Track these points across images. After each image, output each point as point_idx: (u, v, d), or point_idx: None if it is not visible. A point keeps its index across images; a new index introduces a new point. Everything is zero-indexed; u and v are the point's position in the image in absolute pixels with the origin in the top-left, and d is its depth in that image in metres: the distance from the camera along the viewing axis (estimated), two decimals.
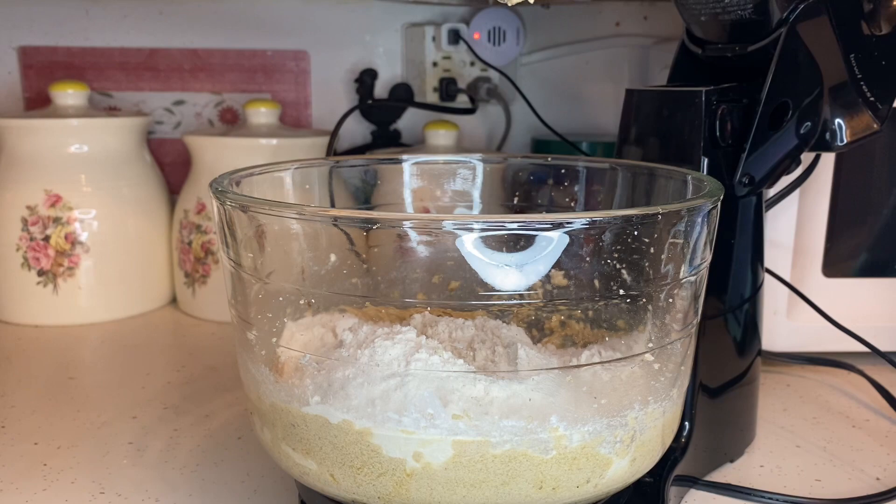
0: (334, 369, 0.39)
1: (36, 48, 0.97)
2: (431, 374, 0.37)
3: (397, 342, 0.39)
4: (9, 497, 0.50)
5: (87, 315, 0.84)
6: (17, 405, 0.64)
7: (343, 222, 0.40)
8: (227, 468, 0.53)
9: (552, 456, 0.37)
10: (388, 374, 0.38)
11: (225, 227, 0.42)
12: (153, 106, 0.99)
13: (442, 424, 0.36)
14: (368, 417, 0.37)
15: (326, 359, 0.40)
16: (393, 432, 0.37)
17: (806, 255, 0.71)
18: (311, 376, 0.39)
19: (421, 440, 0.36)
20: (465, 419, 0.37)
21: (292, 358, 0.41)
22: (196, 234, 0.85)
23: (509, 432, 0.36)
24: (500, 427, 0.36)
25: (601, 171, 0.54)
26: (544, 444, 0.37)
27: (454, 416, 0.37)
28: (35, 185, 0.82)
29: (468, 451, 0.36)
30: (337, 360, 0.39)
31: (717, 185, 0.43)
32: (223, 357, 0.74)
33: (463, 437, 0.36)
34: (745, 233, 0.53)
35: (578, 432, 0.37)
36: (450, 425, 0.36)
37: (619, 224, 0.38)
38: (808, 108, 0.50)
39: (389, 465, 0.37)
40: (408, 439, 0.37)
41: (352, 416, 0.37)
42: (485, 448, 0.36)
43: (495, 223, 0.35)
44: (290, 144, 0.86)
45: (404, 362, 0.38)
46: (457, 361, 0.38)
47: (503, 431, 0.36)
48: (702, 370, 0.51)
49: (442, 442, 0.36)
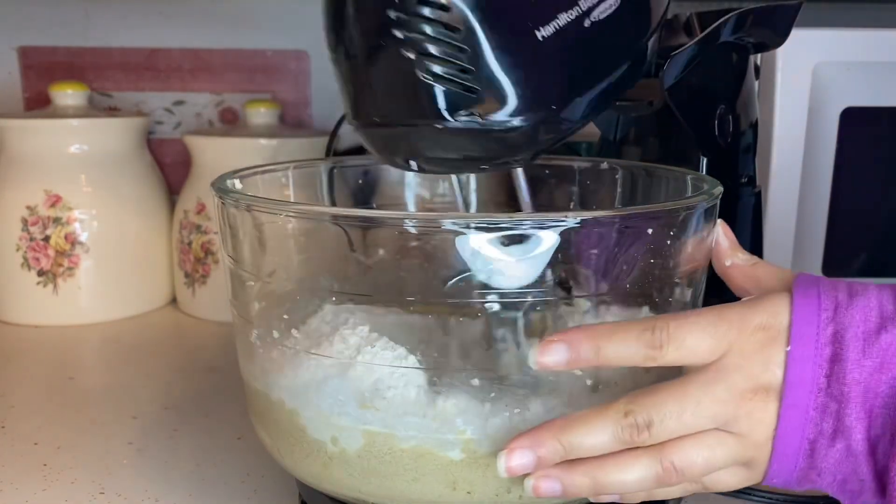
0: (283, 353, 0.40)
1: (36, 48, 0.97)
2: (374, 368, 0.38)
3: (356, 333, 0.40)
4: (9, 497, 0.50)
5: (87, 315, 0.84)
6: (17, 405, 0.64)
7: (343, 221, 0.40)
8: (227, 468, 0.53)
9: (461, 458, 0.37)
10: (332, 362, 0.39)
11: (226, 226, 0.42)
12: (153, 106, 0.99)
13: (352, 412, 0.38)
14: (298, 398, 0.39)
15: (280, 344, 0.41)
16: (315, 413, 0.39)
17: (806, 255, 0.71)
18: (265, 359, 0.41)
19: (337, 426, 0.38)
20: (373, 410, 0.37)
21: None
22: (196, 234, 0.85)
23: (414, 428, 0.37)
24: (405, 422, 0.37)
25: (600, 172, 0.54)
26: (451, 445, 0.37)
27: (362, 405, 0.37)
28: (35, 185, 0.82)
29: (377, 441, 0.38)
30: (285, 344, 0.41)
31: (715, 184, 0.43)
32: (223, 357, 0.74)
33: (371, 427, 0.37)
34: (744, 232, 0.53)
35: (490, 440, 0.37)
36: (358, 414, 0.38)
37: (617, 223, 0.38)
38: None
39: (314, 447, 0.39)
40: (326, 423, 0.38)
41: (285, 395, 0.40)
42: (391, 441, 0.37)
43: (495, 223, 0.35)
44: (290, 144, 0.86)
45: (350, 352, 0.39)
46: (407, 357, 0.39)
47: (408, 427, 0.37)
48: None
49: (353, 430, 0.38)
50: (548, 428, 0.35)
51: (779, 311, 0.35)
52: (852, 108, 0.69)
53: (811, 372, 0.34)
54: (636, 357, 0.35)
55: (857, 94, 0.69)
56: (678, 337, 0.35)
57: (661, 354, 0.35)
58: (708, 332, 0.35)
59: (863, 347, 0.33)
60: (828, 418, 0.34)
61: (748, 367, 0.34)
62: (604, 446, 0.35)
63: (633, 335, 0.35)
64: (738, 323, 0.35)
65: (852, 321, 0.34)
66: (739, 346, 0.34)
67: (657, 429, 0.34)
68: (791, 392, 0.34)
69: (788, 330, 0.34)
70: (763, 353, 0.34)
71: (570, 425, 0.35)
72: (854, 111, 0.69)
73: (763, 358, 0.34)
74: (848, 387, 0.33)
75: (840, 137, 0.69)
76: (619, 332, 0.35)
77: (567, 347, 0.35)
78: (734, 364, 0.34)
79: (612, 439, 0.35)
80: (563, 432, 0.35)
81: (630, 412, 0.35)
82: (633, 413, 0.35)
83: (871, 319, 0.34)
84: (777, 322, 0.35)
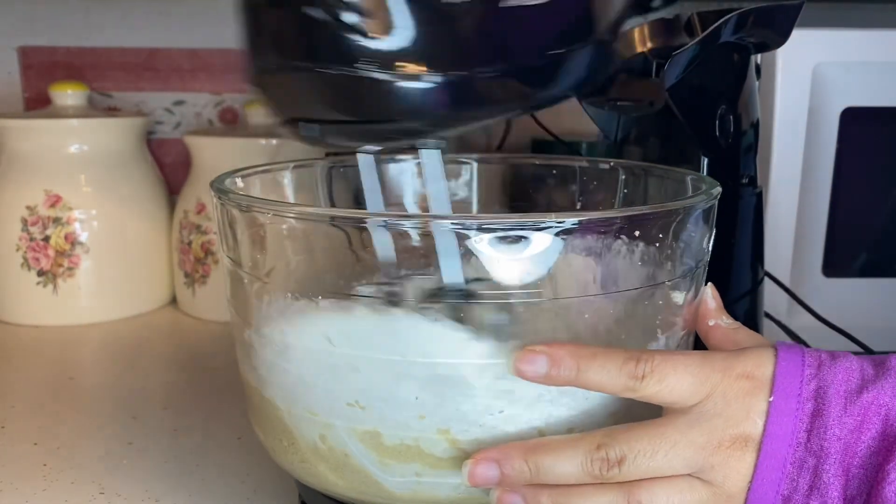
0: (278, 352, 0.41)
1: (36, 48, 0.97)
2: (370, 368, 0.38)
3: (353, 333, 0.39)
4: (9, 497, 0.50)
5: (87, 315, 0.84)
6: (17, 405, 0.64)
7: (342, 222, 0.40)
8: (227, 468, 0.53)
9: (450, 455, 0.37)
10: (328, 362, 0.39)
11: (225, 226, 0.42)
12: (153, 106, 0.99)
13: (347, 413, 0.38)
14: (292, 398, 0.40)
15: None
16: (313, 414, 0.39)
17: (806, 255, 0.71)
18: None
19: (331, 426, 0.38)
20: (367, 409, 0.38)
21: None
22: (196, 234, 0.85)
23: (408, 428, 0.37)
24: (398, 422, 0.37)
25: (601, 172, 0.54)
26: (438, 443, 0.37)
27: (358, 405, 0.38)
28: (35, 185, 0.82)
29: (369, 440, 0.38)
30: (281, 344, 0.40)
31: (714, 185, 0.43)
32: (223, 357, 0.74)
33: (363, 426, 0.38)
34: (744, 233, 0.53)
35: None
36: (351, 414, 0.38)
37: (618, 224, 0.38)
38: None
39: (309, 446, 0.40)
40: (322, 423, 0.39)
41: (279, 394, 0.40)
42: (385, 439, 0.38)
43: (493, 223, 0.35)
44: (290, 144, 0.85)
45: (348, 352, 0.39)
46: (407, 357, 0.39)
47: (399, 426, 0.37)
48: None
49: (349, 430, 0.38)
50: (519, 447, 0.35)
51: (763, 362, 0.35)
52: (852, 108, 0.69)
53: (792, 425, 0.33)
54: (616, 385, 0.34)
55: (857, 94, 0.69)
56: (661, 371, 0.34)
57: (641, 386, 0.34)
58: (691, 371, 0.34)
59: (844, 405, 0.33)
60: (805, 474, 0.33)
61: (729, 413, 0.34)
62: (572, 475, 0.35)
63: (616, 362, 0.34)
64: (722, 368, 0.35)
65: (835, 379, 0.34)
66: (722, 391, 0.34)
67: (628, 466, 0.34)
68: (770, 443, 0.33)
69: (772, 381, 0.34)
70: (745, 400, 0.34)
71: (541, 448, 0.35)
72: (854, 111, 0.69)
73: (745, 405, 0.34)
74: (828, 442, 0.33)
75: (840, 137, 0.69)
76: (602, 356, 0.35)
77: (548, 361, 0.34)
78: (715, 409, 0.34)
79: (581, 471, 0.34)
80: (533, 453, 0.35)
81: (603, 445, 0.34)
82: (605, 446, 0.34)
83: (852, 379, 0.34)
84: (761, 373, 0.34)
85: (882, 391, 0.33)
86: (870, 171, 0.72)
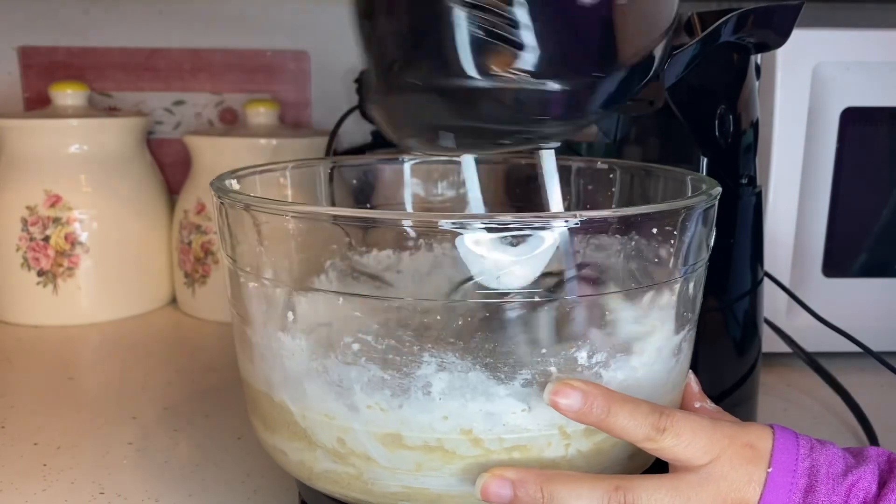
0: (281, 353, 0.40)
1: (36, 48, 0.97)
2: (374, 368, 0.38)
3: (356, 334, 0.39)
4: (9, 497, 0.50)
5: (87, 315, 0.84)
6: (17, 405, 0.64)
7: (342, 221, 0.40)
8: (227, 468, 0.53)
9: (467, 455, 0.37)
10: (331, 363, 0.39)
11: (225, 226, 0.42)
12: (153, 106, 0.99)
13: (354, 413, 0.38)
14: (297, 398, 0.39)
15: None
16: (315, 414, 0.39)
17: (806, 255, 0.71)
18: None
19: (340, 427, 0.38)
20: (376, 410, 0.37)
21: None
22: (196, 234, 0.85)
23: (417, 428, 0.37)
24: (408, 421, 0.37)
25: (600, 172, 0.54)
26: (455, 443, 0.37)
27: (366, 406, 0.37)
28: (35, 185, 0.82)
29: (380, 440, 0.38)
30: (283, 344, 0.40)
31: (713, 185, 0.43)
32: (223, 357, 0.74)
33: (374, 427, 0.38)
34: (744, 233, 0.53)
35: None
36: (361, 414, 0.38)
37: (616, 223, 0.38)
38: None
39: (315, 447, 0.40)
40: (329, 424, 0.39)
41: (284, 395, 0.40)
42: (395, 440, 0.38)
43: (492, 222, 0.35)
44: (290, 144, 0.86)
45: (349, 353, 0.39)
46: (407, 358, 0.39)
47: (412, 427, 0.37)
48: (701, 373, 0.51)
49: (358, 431, 0.38)
50: (537, 473, 0.36)
51: (763, 436, 0.38)
52: (852, 108, 0.69)
53: (786, 497, 0.36)
54: (639, 433, 0.36)
55: (857, 94, 0.69)
56: (679, 427, 0.36)
57: (660, 437, 0.36)
58: (706, 432, 0.37)
59: (832, 485, 0.36)
60: None
61: (734, 478, 0.36)
62: None
63: (643, 411, 0.36)
64: (730, 434, 0.37)
65: (825, 461, 0.37)
66: (729, 456, 0.36)
67: None
68: None
69: (771, 454, 0.37)
70: (747, 467, 0.36)
71: (558, 479, 0.36)
72: (854, 111, 0.69)
73: (747, 472, 0.36)
74: None
75: (840, 137, 0.69)
76: (632, 403, 0.37)
77: (583, 397, 0.36)
78: (722, 472, 0.36)
79: None
80: (550, 483, 0.36)
81: (622, 488, 0.36)
82: (624, 490, 0.36)
83: (837, 463, 0.37)
84: (762, 445, 0.37)
85: (863, 476, 0.36)
86: (870, 171, 0.72)
